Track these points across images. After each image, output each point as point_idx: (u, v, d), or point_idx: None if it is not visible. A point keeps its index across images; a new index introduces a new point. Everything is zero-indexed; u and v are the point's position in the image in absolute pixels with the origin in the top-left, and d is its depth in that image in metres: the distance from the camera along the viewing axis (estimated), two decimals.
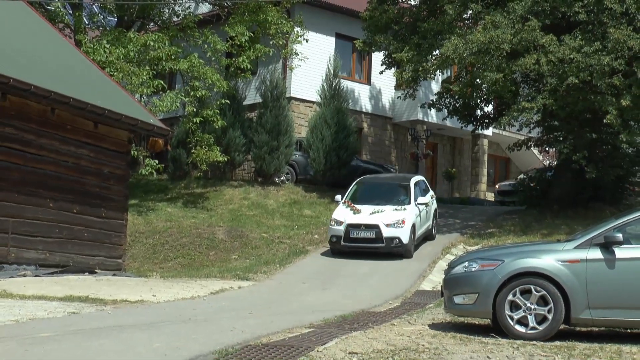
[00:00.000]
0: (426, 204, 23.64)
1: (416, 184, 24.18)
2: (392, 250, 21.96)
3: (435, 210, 25.51)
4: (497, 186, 38.53)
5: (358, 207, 22.83)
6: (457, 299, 11.02)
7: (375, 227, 21.93)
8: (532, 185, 30.06)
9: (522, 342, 10.03)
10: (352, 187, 24.41)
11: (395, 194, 23.62)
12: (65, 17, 30.59)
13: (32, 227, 17.63)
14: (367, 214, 22.43)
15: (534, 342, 10.10)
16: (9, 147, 17.00)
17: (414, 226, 22.31)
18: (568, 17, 24.75)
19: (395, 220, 21.94)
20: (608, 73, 23.34)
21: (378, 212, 22.38)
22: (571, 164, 26.40)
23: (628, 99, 23.10)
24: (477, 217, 28.62)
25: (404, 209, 22.51)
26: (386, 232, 21.80)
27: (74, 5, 30.13)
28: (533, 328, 10.41)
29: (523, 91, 26.51)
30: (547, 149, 32.34)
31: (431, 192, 25.19)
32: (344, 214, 22.61)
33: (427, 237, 24.50)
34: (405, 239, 21.83)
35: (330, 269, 20.47)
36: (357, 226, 22.11)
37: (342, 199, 23.36)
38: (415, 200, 23.13)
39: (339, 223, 22.27)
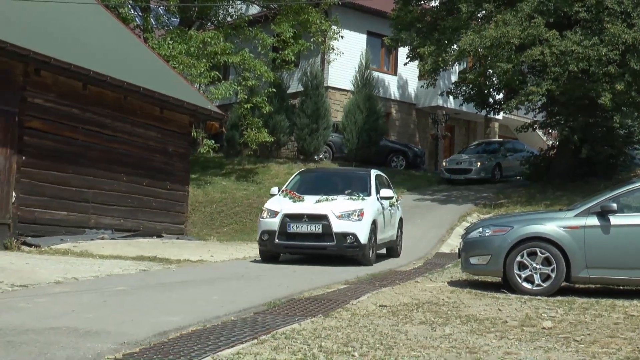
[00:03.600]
0: (390, 201, 16.10)
1: (377, 177, 16.42)
2: (346, 252, 14.36)
3: (401, 219, 17.57)
4: (444, 163, 32.50)
5: (301, 195, 15.05)
6: (473, 260, 10.98)
7: (322, 219, 14.11)
8: (537, 162, 29.81)
9: (529, 297, 10.01)
10: (293, 177, 16.59)
11: (351, 186, 15.63)
12: (135, 18, 30.77)
13: (108, 197, 17.78)
14: (311, 202, 14.63)
15: (539, 297, 10.07)
16: (89, 129, 17.14)
17: (374, 223, 14.67)
18: (569, 15, 24.54)
19: (351, 210, 14.29)
20: (604, 63, 23.13)
21: (327, 200, 14.62)
22: (570, 144, 26.23)
23: (622, 84, 22.90)
24: (488, 190, 28.41)
25: (363, 200, 14.82)
26: (337, 226, 14.02)
27: (142, 8, 30.29)
28: (538, 285, 10.37)
29: (529, 80, 26.28)
30: (550, 130, 32.08)
31: (396, 195, 17.03)
32: (280, 203, 14.75)
33: (391, 250, 16.87)
34: (362, 237, 14.08)
35: None
36: (297, 217, 14.24)
37: (279, 191, 15.59)
38: (377, 192, 15.54)
39: (273, 214, 14.40)
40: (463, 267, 11.48)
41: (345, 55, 32.79)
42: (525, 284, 10.43)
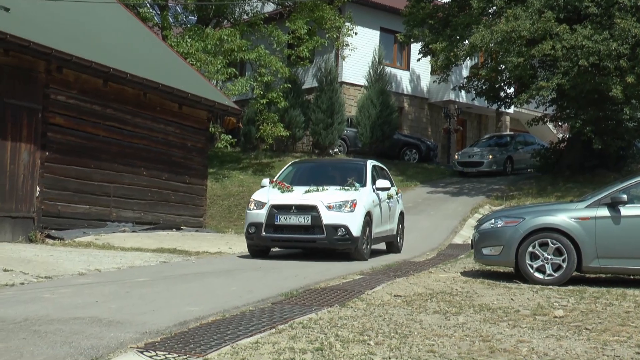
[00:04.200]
0: (388, 192, 14.95)
1: (375, 168, 15.22)
2: (337, 246, 13.24)
3: (402, 213, 16.36)
4: (456, 156, 32.64)
5: (289, 185, 13.98)
6: (485, 251, 10.95)
7: (310, 210, 13.04)
8: (548, 154, 29.75)
9: (541, 287, 9.97)
10: (285, 168, 15.43)
11: (345, 177, 14.20)
12: (154, 17, 30.85)
13: (129, 191, 17.85)
14: (300, 192, 13.55)
15: (551, 286, 10.03)
16: (110, 125, 17.20)
17: (369, 215, 13.60)
18: (579, 10, 24.44)
19: (342, 200, 13.18)
20: (615, 57, 23.02)
21: (317, 190, 13.52)
22: (581, 137, 26.14)
23: (632, 77, 22.81)
24: (500, 182, 28.37)
25: (356, 190, 13.63)
26: (327, 218, 12.96)
27: (161, 6, 30.35)
28: (550, 275, 10.33)
29: (540, 74, 26.20)
30: (560, 123, 31.99)
31: (395, 187, 16.09)
32: (267, 194, 13.68)
33: (390, 245, 15.80)
34: (355, 230, 13.02)
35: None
36: (285, 208, 13.19)
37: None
38: (373, 183, 14.38)
39: (260, 205, 13.39)
40: (476, 258, 11.46)
41: (359, 51, 32.81)
42: (537, 274, 10.39)
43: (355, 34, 31.86)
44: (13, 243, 14.18)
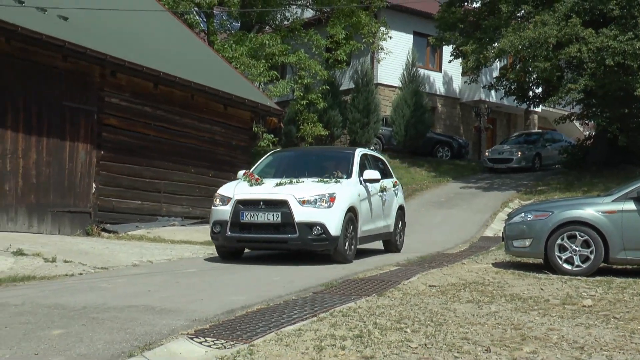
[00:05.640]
0: (381, 184, 12.73)
1: (365, 157, 12.96)
2: (312, 247, 11.01)
3: (402, 207, 14.09)
4: (486, 153, 32.03)
5: (259, 178, 11.73)
6: (516, 243, 10.85)
7: (281, 205, 10.82)
8: (574, 151, 29.42)
9: (569, 277, 9.87)
10: (264, 158, 13.21)
11: (330, 168, 12.18)
12: (200, 24, 31.04)
13: (178, 187, 17.95)
14: (270, 185, 11.33)
15: (579, 277, 9.93)
16: (159, 125, 17.30)
17: (353, 211, 11.38)
18: (604, 14, 24.10)
19: (317, 194, 10.93)
20: (639, 55, 22.68)
21: (290, 182, 11.28)
22: (607, 134, 25.78)
23: None
24: (528, 178, 28.10)
25: (337, 182, 11.39)
26: (300, 215, 10.75)
27: (207, 14, 30.51)
28: (578, 266, 10.22)
29: (567, 75, 25.89)
30: (586, 121, 31.61)
31: (394, 179, 14.06)
32: (235, 187, 11.52)
33: (388, 243, 13.73)
34: (333, 228, 10.84)
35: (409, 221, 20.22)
36: (252, 204, 10.98)
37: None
38: (360, 174, 12.07)
39: (226, 201, 11.22)
40: (506, 250, 11.35)
41: (394, 54, 32.70)
42: (565, 265, 10.28)
43: (390, 38, 31.76)
44: (72, 236, 14.35)
